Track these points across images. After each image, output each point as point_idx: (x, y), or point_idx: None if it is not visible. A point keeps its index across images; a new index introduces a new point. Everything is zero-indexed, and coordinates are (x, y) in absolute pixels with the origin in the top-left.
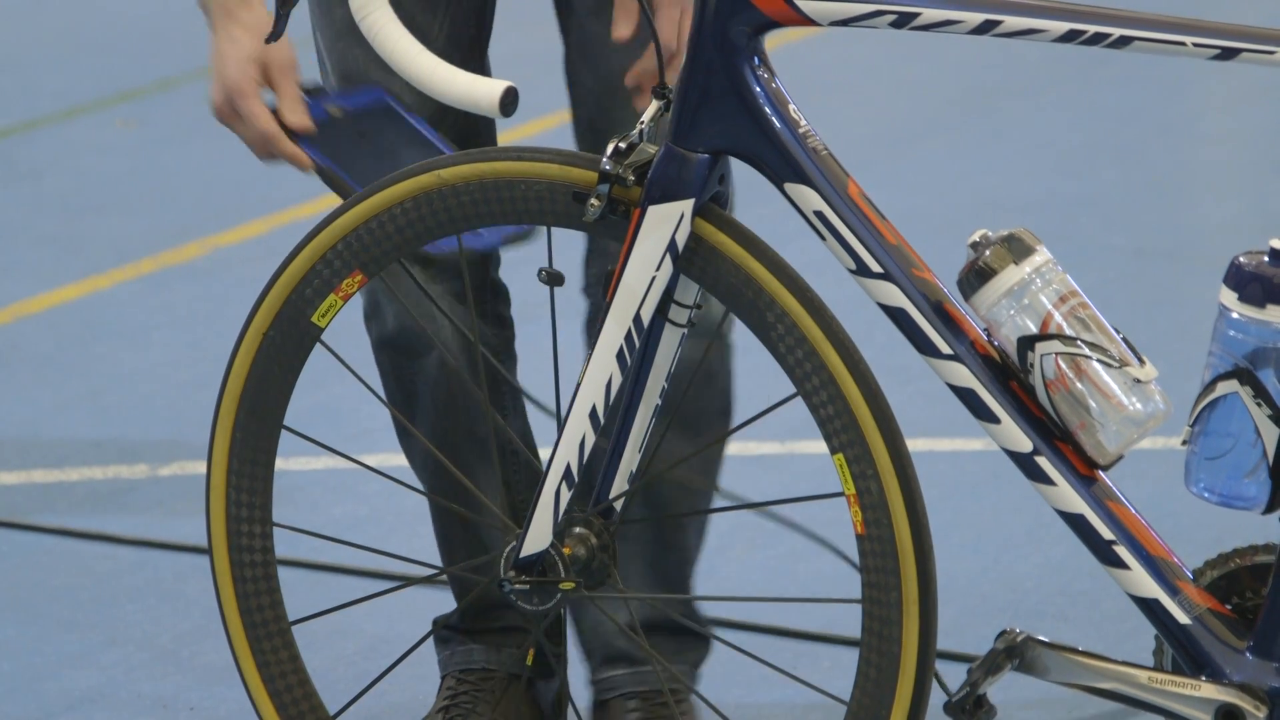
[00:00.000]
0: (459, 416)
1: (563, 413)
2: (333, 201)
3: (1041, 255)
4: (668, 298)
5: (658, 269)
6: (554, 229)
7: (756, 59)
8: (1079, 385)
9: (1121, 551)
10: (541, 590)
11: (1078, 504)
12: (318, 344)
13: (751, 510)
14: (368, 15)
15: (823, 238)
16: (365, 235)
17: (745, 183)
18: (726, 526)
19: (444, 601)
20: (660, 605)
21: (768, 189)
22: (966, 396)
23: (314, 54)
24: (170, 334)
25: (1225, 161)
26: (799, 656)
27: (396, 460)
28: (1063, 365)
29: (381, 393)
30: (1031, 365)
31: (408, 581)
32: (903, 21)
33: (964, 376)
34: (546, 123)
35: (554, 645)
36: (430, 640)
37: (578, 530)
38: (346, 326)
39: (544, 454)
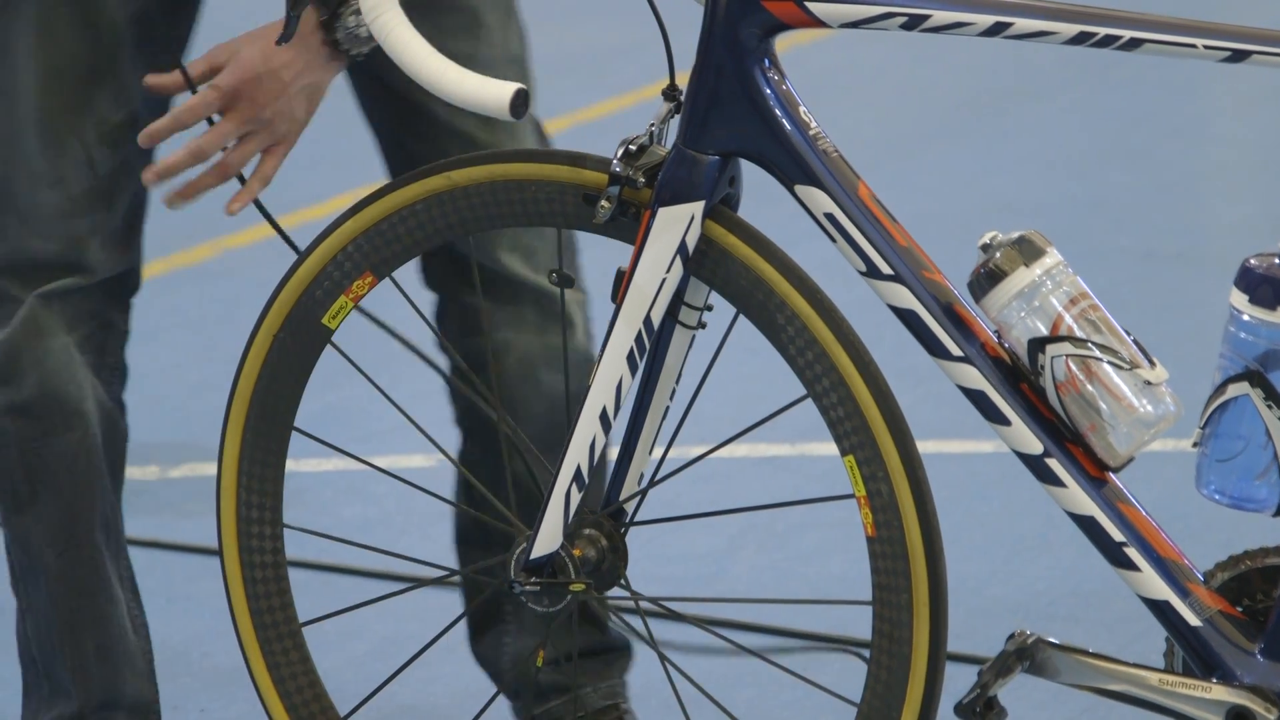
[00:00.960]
0: (94, 504)
1: (572, 415)
2: (344, 203)
3: (1052, 257)
4: (678, 299)
5: (668, 271)
6: (565, 231)
7: (767, 61)
8: (1090, 387)
9: (1132, 553)
10: (552, 592)
11: (1088, 506)
12: (328, 346)
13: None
14: (379, 16)
15: (833, 239)
16: (376, 237)
17: (755, 184)
18: (736, 529)
19: (455, 603)
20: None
21: (778, 191)
22: (977, 398)
23: None
24: (180, 335)
25: (1235, 163)
26: (809, 659)
27: (407, 462)
28: (1073, 367)
29: (392, 394)
30: (1042, 367)
31: (418, 583)
32: (913, 23)
33: (974, 378)
34: (557, 124)
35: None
36: (442, 640)
37: (588, 532)
38: (356, 328)
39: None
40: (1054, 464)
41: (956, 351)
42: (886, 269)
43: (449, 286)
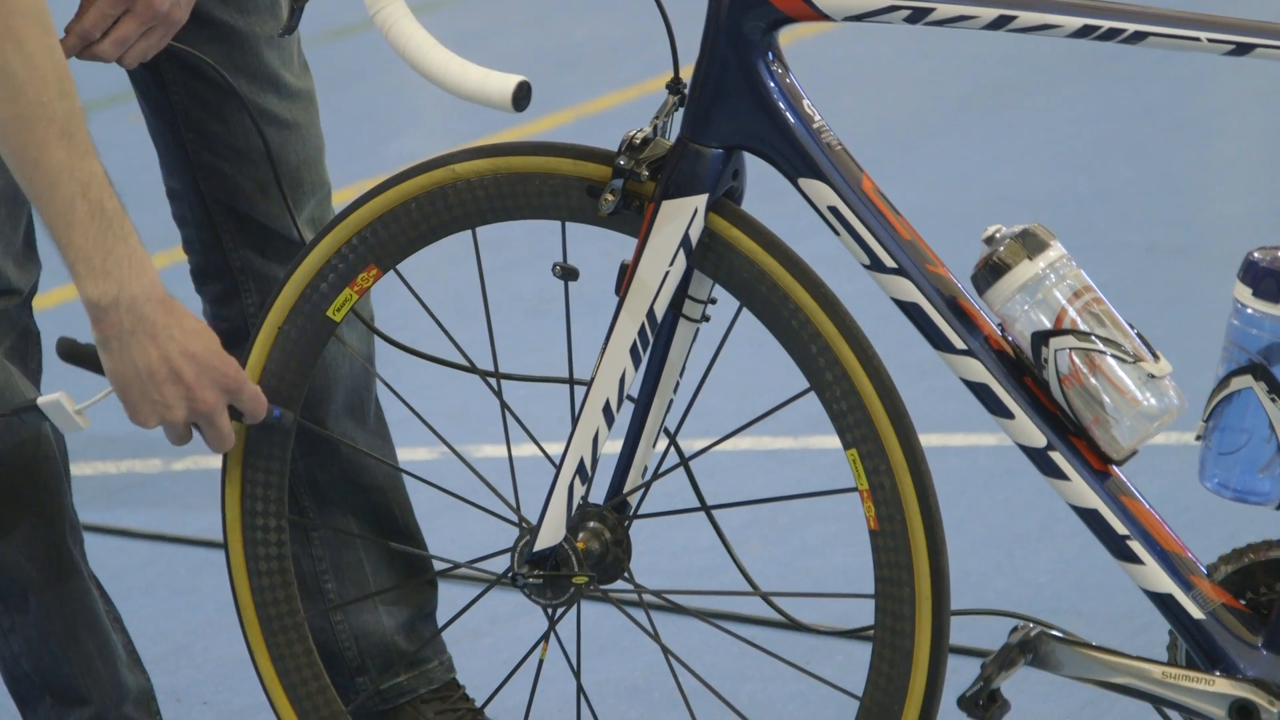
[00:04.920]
0: (62, 509)
1: (576, 408)
2: (346, 196)
3: (1056, 250)
4: (681, 293)
5: (671, 264)
6: (569, 224)
7: (771, 54)
8: (1093, 380)
9: (1135, 546)
10: (555, 584)
11: (1092, 499)
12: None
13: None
14: (381, 9)
15: (837, 233)
16: (380, 230)
17: (759, 178)
18: (740, 523)
19: (458, 595)
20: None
21: (781, 184)
22: (980, 392)
23: None
24: None
25: (1239, 157)
26: (813, 652)
27: (410, 455)
28: (1077, 360)
29: (395, 386)
30: (1046, 360)
31: (421, 574)
32: (917, 16)
33: (978, 372)
34: (560, 118)
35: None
36: (446, 633)
37: (591, 525)
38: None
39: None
40: (1057, 457)
41: (960, 345)
42: (890, 262)
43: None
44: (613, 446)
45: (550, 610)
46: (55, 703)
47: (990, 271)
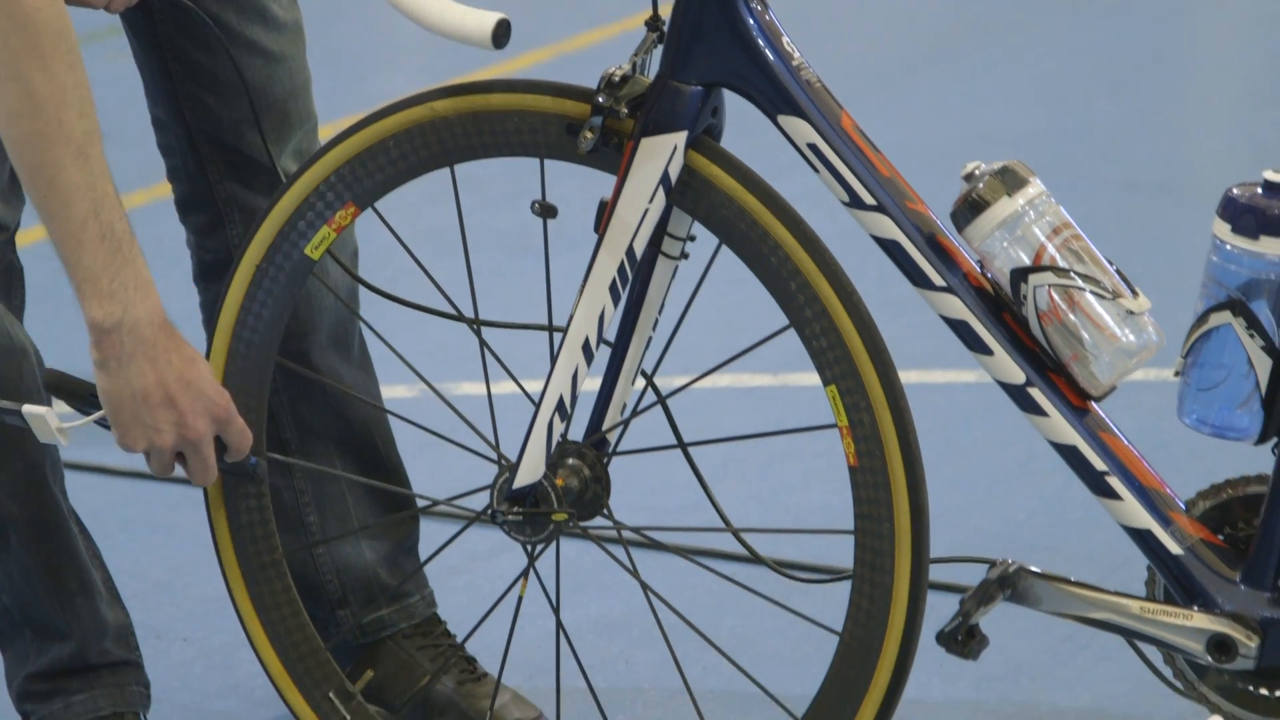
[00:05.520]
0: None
1: (555, 347)
2: (325, 134)
3: (1035, 187)
4: (661, 230)
5: (651, 201)
6: (548, 161)
7: None
8: (1072, 317)
9: (1114, 482)
10: (534, 521)
11: (1070, 435)
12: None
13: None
14: None
15: (816, 170)
16: (358, 168)
17: (738, 115)
18: (719, 460)
19: (437, 532)
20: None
21: (760, 121)
22: (959, 328)
23: None
24: (162, 267)
25: (1219, 94)
26: (791, 588)
27: (389, 392)
28: (1056, 297)
29: (374, 324)
30: (1025, 297)
31: (401, 513)
32: None
33: (957, 308)
34: (539, 56)
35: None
36: (427, 570)
37: (570, 462)
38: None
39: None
40: (1036, 393)
41: (939, 281)
42: (869, 199)
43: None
44: (592, 384)
45: (529, 547)
46: (35, 636)
47: (969, 208)
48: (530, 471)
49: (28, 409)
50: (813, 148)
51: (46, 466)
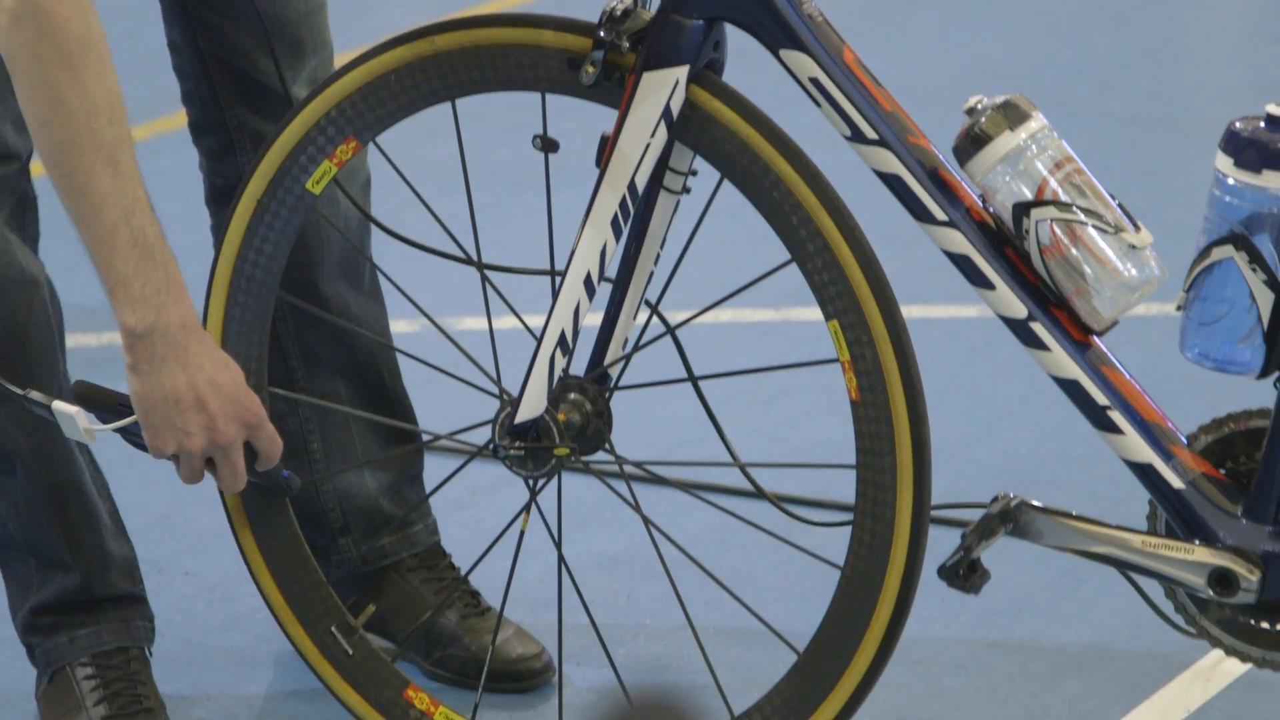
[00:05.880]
0: (55, 375)
1: (557, 281)
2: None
3: (1037, 121)
4: (662, 165)
5: (652, 136)
6: (549, 95)
7: None
8: (1074, 251)
9: (1116, 417)
10: (536, 456)
11: (1072, 370)
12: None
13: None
14: None
15: (818, 104)
16: (359, 102)
17: (740, 50)
18: (720, 395)
19: (439, 467)
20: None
21: (762, 56)
22: (962, 263)
23: None
24: (164, 201)
25: (1221, 27)
26: (793, 523)
27: (390, 327)
28: (1058, 231)
29: (377, 258)
30: (1027, 231)
31: (407, 440)
32: None
33: (959, 243)
34: None
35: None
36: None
37: (572, 397)
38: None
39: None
40: (1038, 328)
41: (941, 216)
42: (871, 134)
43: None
44: (594, 320)
45: (531, 482)
46: (39, 566)
47: (972, 143)
48: (532, 406)
49: (57, 405)
50: (814, 82)
51: (56, 397)
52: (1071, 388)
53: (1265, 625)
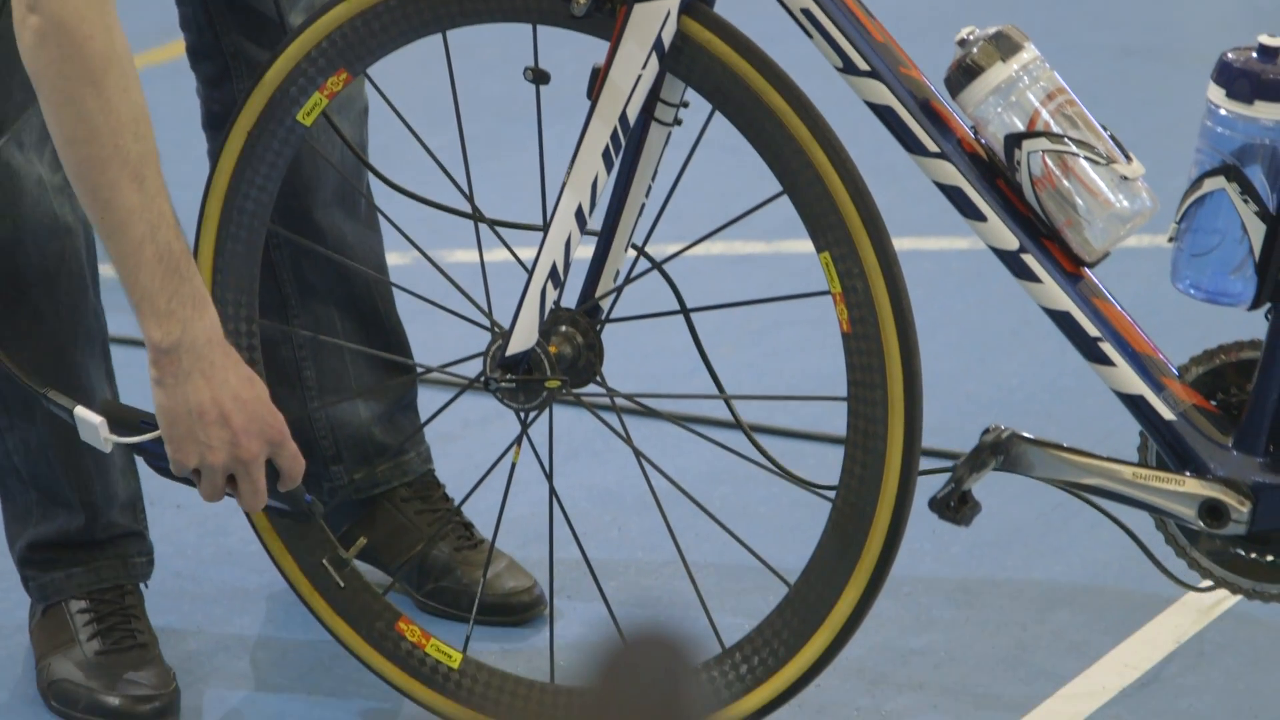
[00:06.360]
0: (80, 320)
1: (548, 213)
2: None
3: (1029, 52)
4: (654, 96)
5: (644, 67)
6: (540, 27)
7: None
8: (1066, 182)
9: (1107, 348)
10: (527, 388)
11: (1064, 301)
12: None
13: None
14: None
15: (810, 36)
16: (350, 33)
17: None
18: (711, 327)
19: (430, 399)
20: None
21: None
22: (953, 194)
23: None
24: (156, 131)
25: None
26: (784, 455)
27: None
28: (1050, 163)
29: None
30: (1018, 163)
31: (396, 380)
32: None
33: (951, 174)
34: None
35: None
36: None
37: (563, 329)
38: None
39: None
40: (1030, 260)
41: (933, 148)
42: (863, 65)
43: None
44: (585, 252)
45: (523, 414)
46: (41, 500)
47: (963, 74)
48: (523, 338)
49: (79, 412)
50: (806, 13)
51: (81, 341)
52: (1062, 319)
53: (1255, 556)
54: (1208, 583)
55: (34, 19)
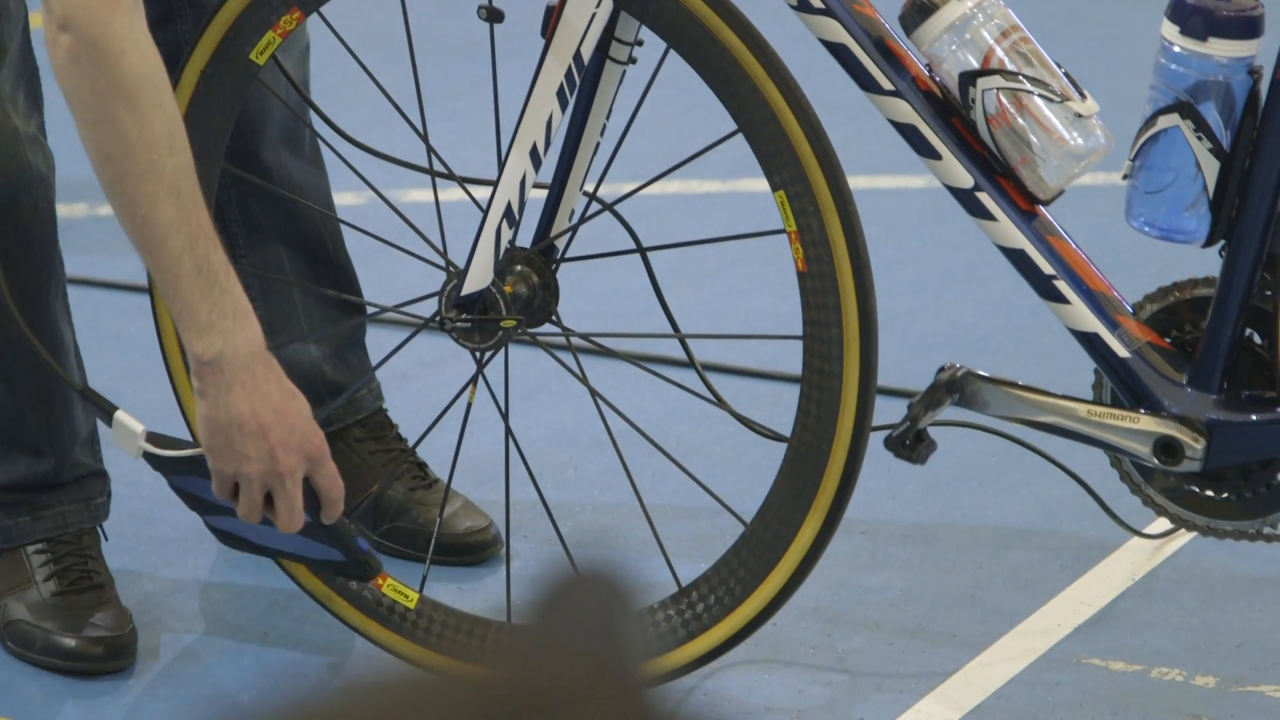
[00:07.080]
0: (53, 268)
1: (502, 152)
2: None
3: None
4: (608, 35)
5: (598, 5)
6: None
7: None
8: (1020, 120)
9: (1061, 286)
10: (482, 328)
11: (1018, 239)
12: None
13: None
14: None
15: None
16: None
17: None
18: (667, 266)
19: (385, 339)
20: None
21: None
22: (908, 133)
23: None
24: None
25: None
26: (740, 393)
27: (336, 199)
28: (1004, 100)
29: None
30: (973, 101)
31: (350, 310)
32: None
33: (905, 112)
34: None
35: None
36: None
37: (519, 268)
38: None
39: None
40: (984, 198)
41: (887, 86)
42: (817, 3)
43: None
44: (540, 192)
45: (478, 354)
46: (12, 446)
47: (918, 11)
48: (478, 278)
49: (119, 416)
50: None
51: (53, 289)
52: (1017, 257)
53: (1210, 493)
54: (1154, 528)
55: (65, 38)
